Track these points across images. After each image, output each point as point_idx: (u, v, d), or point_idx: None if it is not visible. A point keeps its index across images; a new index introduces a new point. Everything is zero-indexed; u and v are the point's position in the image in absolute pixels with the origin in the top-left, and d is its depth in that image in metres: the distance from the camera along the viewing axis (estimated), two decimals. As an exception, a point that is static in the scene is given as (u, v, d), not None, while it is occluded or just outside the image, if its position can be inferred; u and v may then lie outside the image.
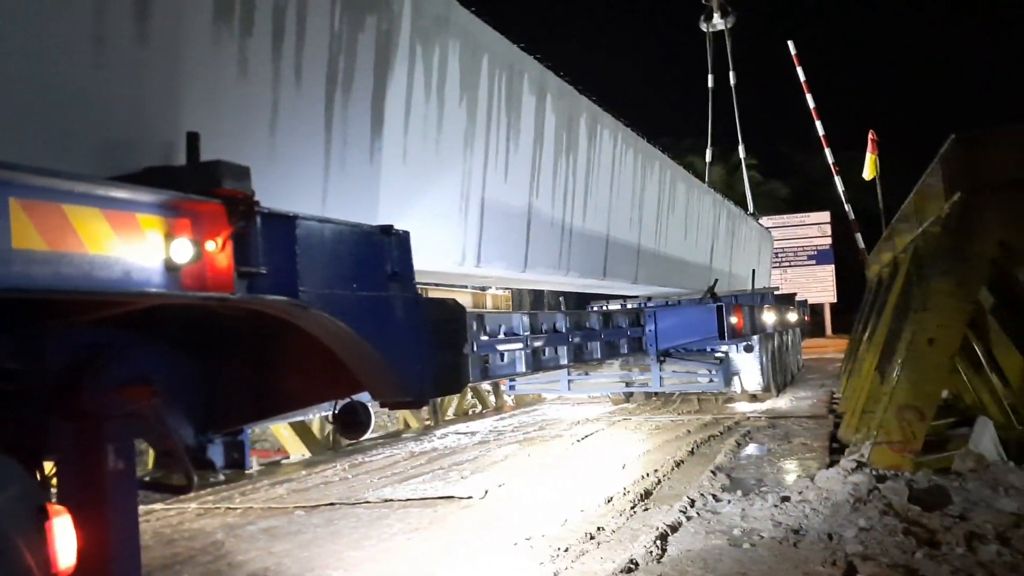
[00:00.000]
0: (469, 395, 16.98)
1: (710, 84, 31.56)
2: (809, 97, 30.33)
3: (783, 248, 41.71)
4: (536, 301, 19.95)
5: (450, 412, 15.56)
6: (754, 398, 14.75)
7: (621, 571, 4.91)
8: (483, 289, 17.10)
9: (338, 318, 3.04)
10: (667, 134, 33.21)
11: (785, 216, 43.68)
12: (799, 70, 30.09)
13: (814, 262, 44.27)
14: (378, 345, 3.25)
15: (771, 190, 46.00)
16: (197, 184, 2.49)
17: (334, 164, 5.00)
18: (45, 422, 2.72)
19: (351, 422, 3.62)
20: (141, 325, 3.04)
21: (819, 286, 43.02)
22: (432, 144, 6.18)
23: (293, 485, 8.94)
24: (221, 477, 9.11)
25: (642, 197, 12.00)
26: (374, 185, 5.45)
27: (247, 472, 9.61)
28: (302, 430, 11.56)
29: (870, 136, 20.65)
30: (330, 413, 3.70)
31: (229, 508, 7.81)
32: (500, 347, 7.33)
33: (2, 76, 3.06)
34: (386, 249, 3.42)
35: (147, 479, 3.22)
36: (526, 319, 7.95)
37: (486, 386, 16.88)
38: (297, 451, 11.49)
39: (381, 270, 3.35)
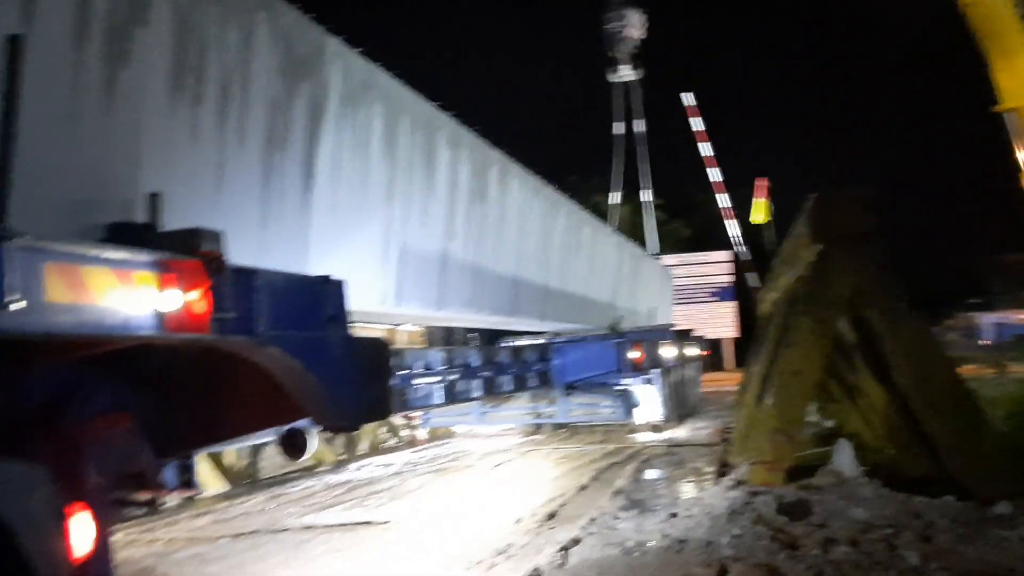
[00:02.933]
0: (383, 429, 17.37)
1: (615, 131, 33.07)
2: (705, 146, 32.22)
3: (686, 285, 43.13)
4: (448, 337, 20.50)
5: (363, 446, 15.88)
6: (656, 428, 15.58)
7: (527, 578, 5.55)
8: (397, 325, 17.56)
9: (287, 354, 3.61)
10: (575, 173, 34.57)
11: (688, 254, 45.20)
12: (694, 120, 31.93)
13: (717, 299, 45.84)
14: (319, 377, 3.82)
15: (674, 229, 47.71)
16: (178, 246, 3.05)
17: (272, 215, 5.55)
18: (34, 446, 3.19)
19: (294, 445, 4.17)
20: (107, 363, 3.54)
21: (721, 322, 44.54)
22: (358, 196, 6.78)
23: (214, 516, 9.23)
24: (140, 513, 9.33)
25: (549, 240, 12.81)
26: (305, 233, 6.00)
27: (163, 507, 9.83)
28: (219, 464, 11.78)
29: (757, 183, 22.25)
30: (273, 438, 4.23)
31: (153, 539, 8.07)
32: (417, 381, 7.90)
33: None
34: (325, 296, 4.01)
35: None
36: (441, 355, 8.55)
37: (399, 421, 17.31)
38: (214, 485, 11.68)
39: (322, 313, 3.94)
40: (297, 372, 3.67)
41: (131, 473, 3.56)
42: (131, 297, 2.79)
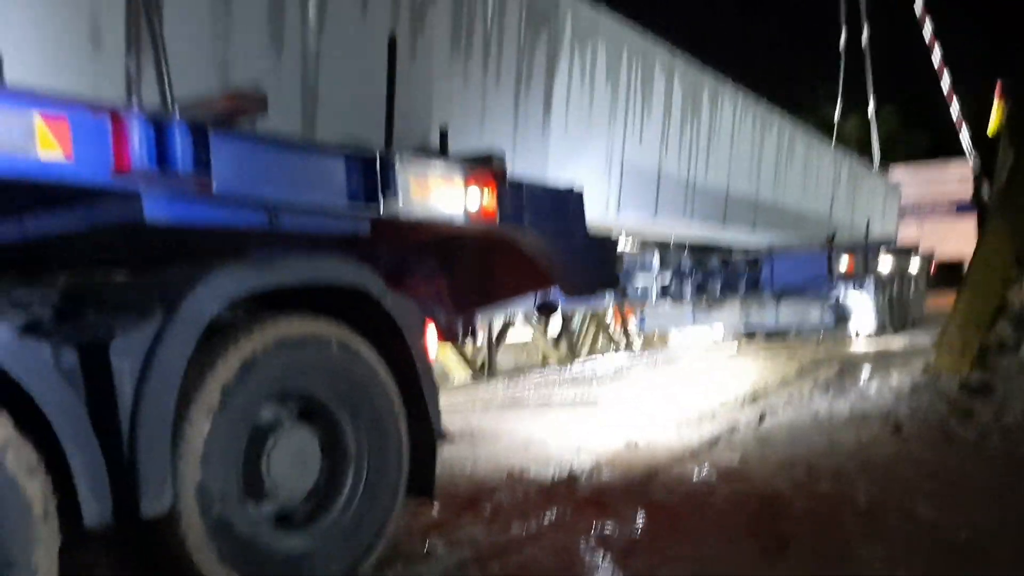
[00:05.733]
0: (601, 338, 18.96)
1: (843, 41, 31.86)
2: (936, 50, 30.27)
3: (922, 200, 40.55)
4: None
5: (584, 352, 17.49)
6: (870, 338, 15.93)
7: (727, 431, 6.81)
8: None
9: (543, 240, 5.03)
10: (805, 85, 33.93)
11: (922, 167, 42.44)
12: (927, 23, 30.02)
13: (955, 213, 42.84)
14: (565, 257, 5.23)
15: (911, 139, 44.94)
16: (478, 163, 4.51)
17: (519, 139, 7.02)
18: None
19: (547, 307, 5.68)
20: (424, 246, 5.12)
21: (960, 238, 41.76)
22: (585, 119, 8.11)
23: (465, 393, 11.18)
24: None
25: (760, 154, 13.50)
26: (544, 153, 7.45)
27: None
28: (465, 357, 13.82)
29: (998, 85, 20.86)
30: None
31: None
32: (636, 280, 9.24)
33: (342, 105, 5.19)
34: (569, 200, 5.40)
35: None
36: (656, 258, 9.81)
37: (616, 330, 18.81)
38: (460, 373, 13.75)
39: (567, 212, 5.33)
40: (550, 253, 5.08)
41: (442, 322, 5.17)
42: (452, 198, 4.28)
